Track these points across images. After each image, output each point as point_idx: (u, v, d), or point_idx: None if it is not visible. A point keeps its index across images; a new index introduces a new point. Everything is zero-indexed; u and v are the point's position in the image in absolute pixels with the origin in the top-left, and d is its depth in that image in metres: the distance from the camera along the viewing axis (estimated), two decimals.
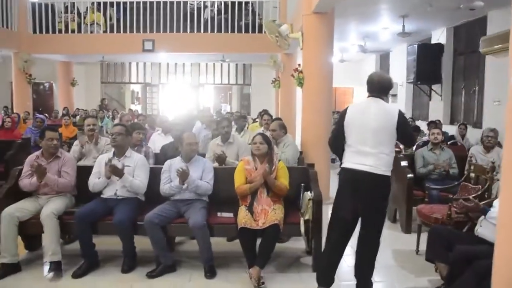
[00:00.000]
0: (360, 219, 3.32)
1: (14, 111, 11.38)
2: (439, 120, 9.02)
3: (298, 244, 4.53)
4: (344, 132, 3.27)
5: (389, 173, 3.23)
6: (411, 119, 10.22)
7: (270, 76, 13.61)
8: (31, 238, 4.30)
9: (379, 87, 3.31)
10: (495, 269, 1.79)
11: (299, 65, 6.90)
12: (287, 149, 5.07)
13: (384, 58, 14.76)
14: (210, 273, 3.81)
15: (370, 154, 3.16)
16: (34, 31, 12.09)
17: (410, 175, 5.02)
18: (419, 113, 11.96)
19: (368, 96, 3.33)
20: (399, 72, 12.20)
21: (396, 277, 3.87)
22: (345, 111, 3.33)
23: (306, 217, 3.87)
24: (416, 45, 10.10)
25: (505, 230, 1.72)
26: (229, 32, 11.68)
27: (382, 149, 3.17)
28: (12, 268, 3.80)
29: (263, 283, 3.58)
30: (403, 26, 8.84)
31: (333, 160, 9.50)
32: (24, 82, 12.22)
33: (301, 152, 5.77)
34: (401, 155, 5.51)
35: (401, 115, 3.25)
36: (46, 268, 3.88)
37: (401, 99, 12.71)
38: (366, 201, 3.22)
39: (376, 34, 10.26)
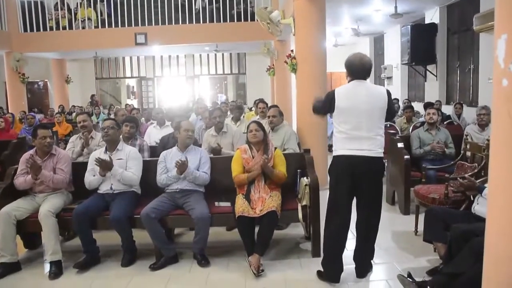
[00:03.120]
0: (357, 203, 3.36)
1: (9, 111, 11.33)
2: (439, 101, 9.00)
3: (296, 230, 4.54)
4: (327, 113, 3.38)
5: (382, 153, 3.30)
6: (407, 101, 10.20)
7: (265, 64, 13.57)
8: (30, 237, 4.30)
9: (362, 70, 3.23)
10: (486, 245, 1.79)
11: (292, 51, 6.86)
12: (289, 143, 5.06)
13: (378, 41, 14.70)
14: (205, 261, 3.84)
15: (365, 138, 3.17)
16: (25, 30, 12.02)
17: (406, 157, 5.02)
18: (415, 94, 11.93)
19: (352, 80, 3.26)
20: (394, 54, 12.16)
21: (395, 258, 3.88)
22: (332, 95, 3.23)
23: (304, 203, 3.87)
24: (410, 26, 10.04)
25: (496, 206, 1.72)
26: (222, 21, 11.61)
27: (377, 131, 3.22)
28: (12, 267, 3.80)
29: (262, 270, 3.59)
30: (396, 7, 8.78)
31: (331, 147, 9.51)
32: (18, 81, 12.17)
33: None
34: (397, 137, 5.52)
35: (389, 94, 3.28)
36: (47, 266, 3.88)
37: (396, 81, 12.68)
38: (366, 185, 3.25)
39: (369, 17, 10.19)
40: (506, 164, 1.62)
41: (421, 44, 9.78)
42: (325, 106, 3.31)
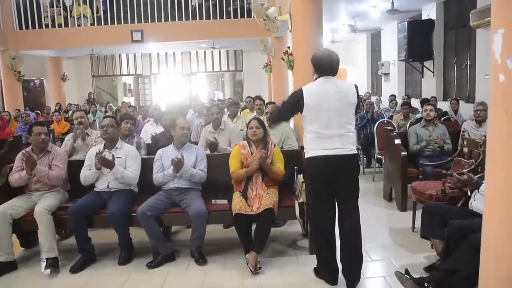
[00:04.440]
0: (337, 204, 3.28)
1: (5, 110, 11.28)
2: (435, 98, 9.00)
3: (294, 227, 4.54)
4: (295, 113, 3.21)
5: (355, 150, 3.24)
6: (406, 97, 10.20)
7: (262, 61, 13.53)
8: (26, 235, 4.29)
9: (331, 66, 3.12)
10: (484, 241, 1.78)
11: (288, 47, 6.83)
12: (289, 140, 5.03)
13: (375, 37, 14.69)
14: (202, 259, 3.83)
15: (337, 136, 3.08)
16: (20, 27, 11.97)
17: (404, 153, 5.01)
18: (412, 91, 11.93)
19: (319, 77, 3.14)
20: (391, 50, 12.15)
21: (393, 255, 3.87)
22: (300, 94, 3.09)
23: (301, 200, 3.85)
24: (406, 22, 10.03)
25: (493, 202, 1.71)
26: (218, 18, 11.58)
27: (348, 128, 3.14)
28: (8, 266, 3.78)
29: (260, 268, 3.58)
30: (392, 3, 8.77)
31: None
32: (14, 79, 12.13)
33: None
34: (394, 133, 5.51)
35: (357, 90, 3.22)
36: (43, 264, 3.85)
37: (394, 77, 12.67)
38: (344, 184, 3.18)
39: (365, 13, 10.18)
40: (503, 160, 1.62)
41: (418, 40, 9.77)
42: (292, 106, 3.17)
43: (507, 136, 1.58)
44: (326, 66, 3.11)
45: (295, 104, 3.14)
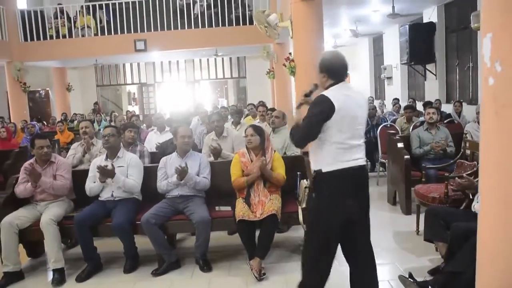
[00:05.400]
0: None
1: (12, 121, 11.39)
2: (439, 100, 8.99)
3: (297, 232, 4.55)
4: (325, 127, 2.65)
5: None
6: (411, 100, 10.19)
7: (265, 68, 13.59)
8: (33, 245, 4.32)
9: (345, 70, 2.78)
10: (479, 242, 1.80)
11: (290, 53, 6.88)
12: (292, 147, 5.06)
13: (377, 41, 14.72)
14: (207, 267, 3.85)
15: (359, 146, 2.77)
16: (25, 39, 12.08)
17: (406, 156, 5.02)
18: (415, 94, 11.92)
19: (334, 83, 2.73)
20: (393, 54, 12.16)
21: (397, 258, 3.88)
22: (329, 102, 2.60)
23: (304, 205, 3.86)
24: (408, 26, 10.05)
25: (487, 202, 1.74)
26: (220, 26, 11.64)
27: (363, 138, 2.87)
28: (15, 277, 3.82)
29: (264, 274, 3.60)
30: (393, 7, 8.79)
31: None
32: (19, 91, 12.23)
33: None
34: (397, 137, 5.52)
35: None
36: (50, 274, 3.89)
37: (396, 81, 12.68)
38: (366, 201, 2.81)
39: (367, 17, 10.21)
40: (495, 162, 1.64)
41: (419, 44, 9.79)
42: (321, 118, 2.63)
43: (498, 138, 1.60)
44: (342, 71, 2.76)
45: (324, 114, 2.63)
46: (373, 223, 4.58)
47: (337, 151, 2.69)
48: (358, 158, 2.74)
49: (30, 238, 4.02)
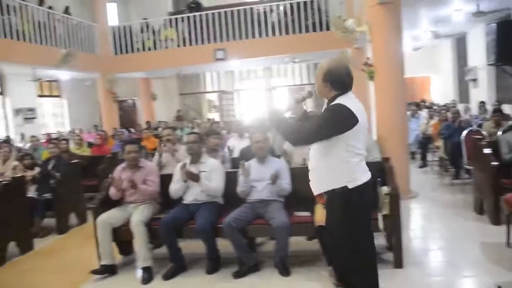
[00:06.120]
0: None
1: (103, 129, 12.27)
2: None
3: (377, 240, 4.44)
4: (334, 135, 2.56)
5: None
6: (497, 103, 9.57)
7: None
8: (124, 244, 4.64)
9: (351, 80, 2.66)
10: None
11: (368, 58, 6.78)
12: (372, 153, 5.00)
13: (460, 42, 13.99)
14: (286, 271, 3.90)
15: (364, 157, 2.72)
16: (116, 53, 13.02)
17: (494, 163, 4.75)
18: (503, 96, 11.16)
19: (341, 93, 2.63)
20: (478, 54, 11.50)
21: (486, 272, 3.68)
22: (350, 111, 2.52)
23: (384, 212, 3.82)
24: (495, 24, 9.45)
25: None
26: (297, 33, 11.71)
27: None
28: (110, 269, 4.17)
29: None
30: (478, 5, 8.34)
31: (413, 154, 9.20)
32: (111, 100, 13.24)
33: None
34: (483, 142, 5.24)
35: None
36: (139, 271, 4.17)
37: (483, 83, 11.97)
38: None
39: (448, 18, 9.76)
40: None
41: (508, 43, 9.15)
42: (343, 124, 2.54)
43: None
44: (349, 80, 2.65)
45: (345, 121, 2.53)
46: (458, 233, 4.43)
47: (360, 163, 2.64)
48: (368, 170, 2.72)
49: (122, 237, 4.32)
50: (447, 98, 14.80)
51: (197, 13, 12.57)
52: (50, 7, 11.28)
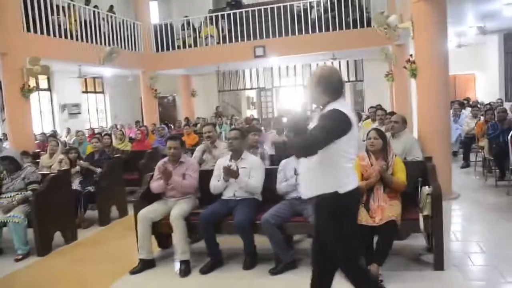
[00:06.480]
0: None
1: (144, 124, 12.55)
2: None
3: (418, 241, 4.37)
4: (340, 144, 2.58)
5: None
6: None
7: (383, 70, 13.18)
8: (163, 237, 4.75)
9: (343, 86, 2.72)
10: None
11: (411, 55, 6.63)
12: (413, 152, 4.93)
13: (509, 38, 13.44)
14: None
15: None
16: (157, 50, 13.29)
17: None
18: None
19: (333, 100, 2.66)
20: None
21: None
22: (347, 116, 2.56)
23: (425, 213, 3.73)
24: None
25: None
26: (338, 29, 11.59)
27: None
28: (148, 264, 4.26)
29: (381, 280, 3.53)
30: None
31: (455, 153, 8.94)
32: (151, 97, 13.53)
33: None
34: None
35: None
36: (177, 265, 4.25)
37: None
38: None
39: (497, 12, 9.40)
40: None
41: None
42: (341, 131, 2.57)
43: None
44: (341, 87, 2.70)
45: (343, 126, 2.57)
46: (504, 237, 4.29)
47: (351, 169, 2.70)
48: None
49: (161, 230, 4.42)
50: (493, 96, 14.27)
51: (237, 10, 12.65)
52: (95, 6, 11.63)
